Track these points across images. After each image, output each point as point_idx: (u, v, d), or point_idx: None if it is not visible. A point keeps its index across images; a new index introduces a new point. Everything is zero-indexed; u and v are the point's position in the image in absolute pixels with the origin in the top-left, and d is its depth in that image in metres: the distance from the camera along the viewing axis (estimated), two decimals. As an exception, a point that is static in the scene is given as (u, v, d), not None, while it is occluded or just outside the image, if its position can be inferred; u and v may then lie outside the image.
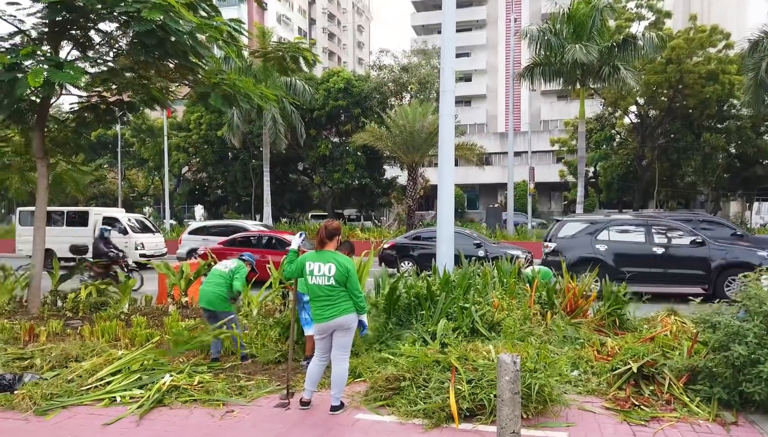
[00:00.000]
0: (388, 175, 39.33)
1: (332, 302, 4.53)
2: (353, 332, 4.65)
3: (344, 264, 4.53)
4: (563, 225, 12.52)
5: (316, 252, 4.65)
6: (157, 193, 48.39)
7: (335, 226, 4.70)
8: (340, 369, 4.62)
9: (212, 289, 6.16)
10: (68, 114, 10.12)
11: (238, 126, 25.27)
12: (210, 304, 6.15)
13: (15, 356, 6.19)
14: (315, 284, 4.56)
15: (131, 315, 8.85)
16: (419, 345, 5.94)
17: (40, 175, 9.47)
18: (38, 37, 9.37)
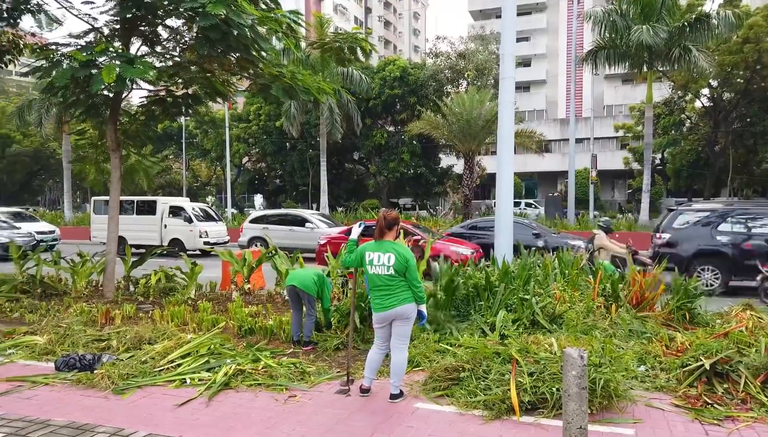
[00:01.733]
0: (443, 164, 39.05)
1: (391, 292, 4.56)
2: (412, 322, 4.67)
3: (403, 254, 4.54)
4: (678, 215, 11.87)
5: (376, 242, 4.68)
6: (219, 183, 50.07)
7: (394, 216, 4.71)
8: (399, 358, 4.65)
9: (307, 274, 6.40)
10: (138, 107, 10.58)
11: (295, 116, 25.72)
12: (301, 284, 6.31)
13: (93, 337, 6.58)
14: (374, 273, 4.60)
15: (197, 300, 9.24)
16: (478, 337, 5.89)
17: (114, 166, 9.98)
18: (110, 34, 9.85)
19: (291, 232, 19.02)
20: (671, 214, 12.07)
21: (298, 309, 6.52)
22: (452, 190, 36.64)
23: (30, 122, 29.94)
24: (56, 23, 9.12)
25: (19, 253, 10.95)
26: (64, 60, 8.54)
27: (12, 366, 5.86)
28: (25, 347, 6.43)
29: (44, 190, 54.40)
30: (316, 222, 19.16)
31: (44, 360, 6.03)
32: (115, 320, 7.74)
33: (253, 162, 42.07)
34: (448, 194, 38.86)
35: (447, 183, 37.87)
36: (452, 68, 32.45)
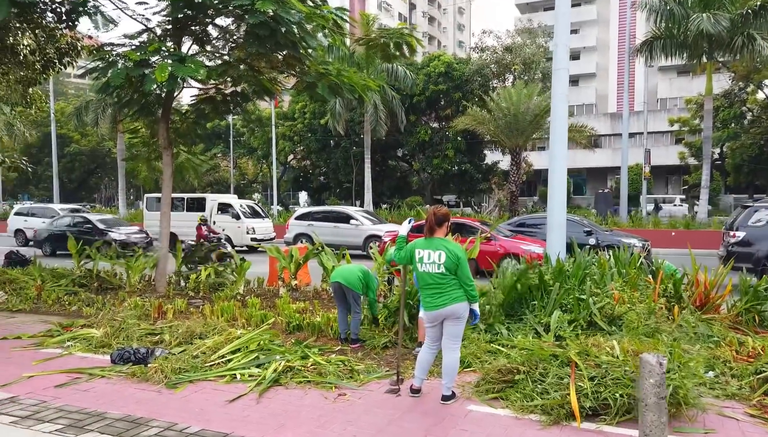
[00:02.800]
0: (488, 160, 38.48)
1: (442, 290, 4.41)
2: (464, 321, 4.51)
3: (455, 252, 4.39)
4: (754, 212, 11.29)
5: (426, 239, 4.55)
6: (264, 180, 50.97)
7: (444, 212, 4.56)
8: (451, 358, 4.51)
9: (352, 270, 6.34)
10: (189, 106, 10.78)
11: (341, 113, 25.80)
12: (346, 281, 6.24)
13: (147, 331, 6.70)
14: (425, 272, 4.47)
15: (246, 296, 9.34)
16: (531, 337, 5.68)
17: (166, 163, 10.19)
18: (162, 34, 10.05)
19: (336, 229, 19.07)
20: (746, 211, 11.43)
21: (344, 307, 6.46)
22: (497, 187, 36.07)
23: (87, 122, 31.20)
24: (112, 24, 9.36)
25: (76, 246, 11.37)
26: (119, 60, 8.76)
27: (70, 358, 6.02)
28: (82, 339, 6.61)
29: (100, 187, 56.67)
30: (361, 219, 19.15)
31: (101, 353, 6.18)
32: (167, 314, 7.87)
33: (298, 159, 42.57)
34: (493, 191, 38.30)
35: (492, 179, 37.29)
36: (498, 63, 31.88)
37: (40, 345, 6.54)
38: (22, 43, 12.63)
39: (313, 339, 6.57)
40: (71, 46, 13.44)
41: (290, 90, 11.55)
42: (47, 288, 9.72)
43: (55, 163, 32.91)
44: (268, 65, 9.31)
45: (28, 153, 39.93)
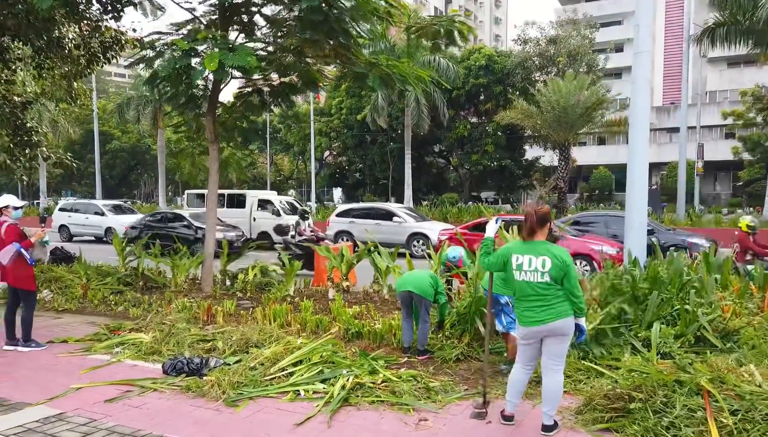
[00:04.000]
0: (527, 156, 37.40)
1: (546, 303, 3.78)
2: (570, 338, 3.88)
3: (561, 258, 3.75)
4: None
5: (524, 242, 3.91)
6: (300, 177, 50.86)
7: (546, 211, 3.92)
8: (554, 382, 3.88)
9: (423, 276, 5.75)
10: (235, 98, 10.37)
11: (383, 107, 25.22)
12: (418, 289, 5.65)
13: (198, 338, 6.26)
14: (524, 280, 3.84)
15: (295, 297, 8.87)
16: (629, 354, 4.99)
17: (212, 158, 9.79)
18: (209, 24, 9.64)
19: (378, 226, 18.51)
20: None
21: (410, 316, 5.86)
22: (539, 183, 34.99)
23: (128, 119, 31.46)
24: (160, 11, 8.99)
25: (122, 244, 11.12)
26: (166, 50, 8.38)
27: (120, 366, 5.62)
28: (131, 345, 6.21)
29: (140, 183, 57.59)
30: (404, 216, 18.57)
31: (151, 361, 5.76)
32: (216, 317, 7.45)
33: (334, 156, 42.24)
34: (534, 187, 37.22)
35: (533, 176, 36.21)
36: (541, 55, 30.80)
37: (87, 350, 6.17)
38: (68, 37, 12.45)
39: (381, 350, 6.00)
40: (115, 40, 13.22)
41: (340, 81, 11.02)
42: (93, 287, 9.46)
43: (97, 159, 33.33)
44: (321, 52, 8.78)
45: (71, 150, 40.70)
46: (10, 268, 6.02)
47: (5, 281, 6.23)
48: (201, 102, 10.29)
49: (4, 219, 6.12)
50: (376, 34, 10.14)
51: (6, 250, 5.94)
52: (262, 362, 5.29)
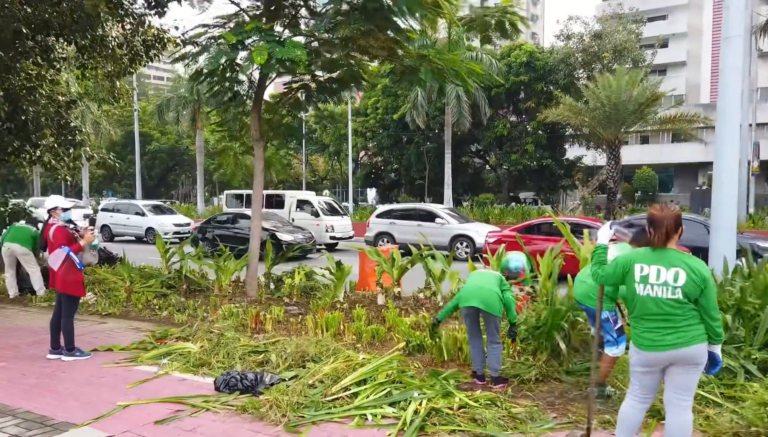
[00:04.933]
0: (568, 155, 36.26)
1: (674, 324, 3.17)
2: (701, 369, 3.25)
3: (699, 271, 3.13)
4: None
5: (653, 250, 3.29)
6: (334, 177, 50.68)
7: (677, 214, 3.30)
8: (681, 421, 3.25)
9: (489, 287, 5.06)
10: (281, 95, 9.98)
11: (422, 105, 24.63)
12: (485, 305, 4.92)
13: (249, 349, 5.84)
14: (648, 296, 3.22)
15: (344, 303, 8.40)
16: (742, 379, 4.32)
17: (257, 157, 9.42)
18: (254, 17, 9.27)
19: (419, 228, 17.90)
20: None
21: (478, 335, 5.15)
22: (582, 183, 33.83)
23: (167, 120, 31.73)
24: (207, 1, 8.65)
25: (165, 245, 10.87)
26: (212, 44, 8.03)
27: (168, 379, 5.22)
28: (178, 355, 5.83)
29: (178, 184, 58.39)
30: (446, 217, 17.96)
31: (200, 374, 5.35)
32: (265, 325, 7.03)
33: (369, 156, 41.85)
34: (575, 188, 36.03)
35: (575, 175, 35.06)
36: (585, 51, 29.72)
37: (133, 360, 5.80)
38: (111, 35, 12.30)
39: (440, 363, 5.47)
40: (157, 39, 13.03)
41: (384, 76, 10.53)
42: (136, 290, 9.19)
43: (138, 160, 33.72)
44: (376, 42, 8.28)
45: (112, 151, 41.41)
46: (60, 273, 5.70)
47: (54, 286, 5.92)
48: (245, 99, 9.95)
49: (53, 221, 5.81)
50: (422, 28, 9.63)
51: (55, 254, 5.62)
52: (321, 379, 4.81)
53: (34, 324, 7.57)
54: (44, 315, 8.11)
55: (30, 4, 10.69)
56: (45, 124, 11.99)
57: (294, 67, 8.99)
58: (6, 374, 5.35)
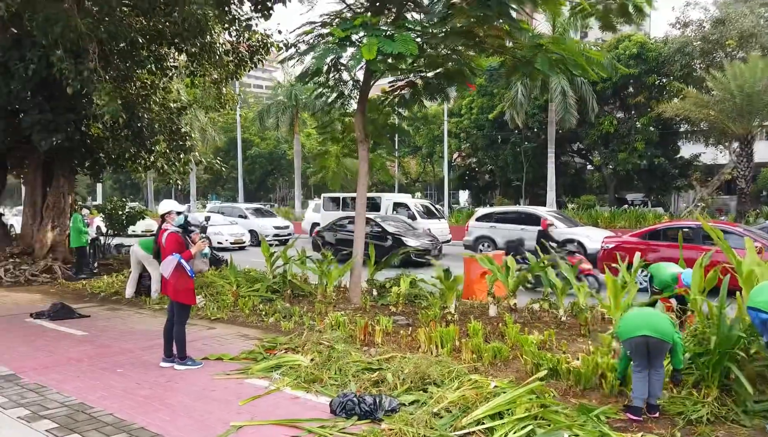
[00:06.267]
0: (683, 153, 33.23)
1: None
2: None
3: None
4: None
5: None
6: (426, 179, 50.16)
7: None
8: None
9: (657, 311, 4.31)
10: (386, 93, 9.58)
11: (522, 103, 23.47)
12: (658, 332, 4.21)
13: (362, 365, 5.40)
14: None
15: (453, 315, 7.80)
16: None
17: (361, 158, 9.07)
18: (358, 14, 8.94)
19: (522, 232, 16.92)
20: None
21: (646, 364, 4.32)
22: (700, 183, 30.85)
23: (267, 126, 32.76)
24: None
25: (269, 249, 10.84)
26: (319, 42, 7.76)
27: (280, 396, 4.88)
28: (289, 369, 5.51)
29: (275, 187, 60.56)
30: (552, 220, 16.77)
31: (313, 391, 4.98)
32: (374, 336, 6.59)
33: (463, 157, 40.92)
34: (691, 188, 32.95)
35: (692, 175, 32.06)
36: (705, 38, 27.00)
37: (243, 372, 5.55)
38: (218, 42, 12.57)
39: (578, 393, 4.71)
40: (261, 44, 13.18)
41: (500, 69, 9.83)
42: (242, 294, 9.15)
43: (240, 164, 35.12)
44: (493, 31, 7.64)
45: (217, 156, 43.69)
46: (171, 281, 5.58)
47: (166, 293, 5.83)
48: (348, 100, 9.67)
49: (166, 227, 5.71)
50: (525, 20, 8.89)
51: (167, 262, 5.51)
52: (447, 408, 4.25)
53: (147, 328, 7.64)
54: (156, 318, 8.23)
55: (145, 16, 11.11)
56: (158, 131, 12.43)
57: (399, 63, 8.58)
58: (122, 382, 5.28)
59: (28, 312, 8.58)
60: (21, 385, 5.16)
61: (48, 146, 10.76)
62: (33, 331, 7.47)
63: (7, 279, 11.63)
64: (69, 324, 7.84)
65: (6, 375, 5.45)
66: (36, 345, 6.73)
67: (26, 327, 7.74)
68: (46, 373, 5.53)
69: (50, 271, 12.10)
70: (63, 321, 7.99)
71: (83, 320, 8.13)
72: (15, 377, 5.41)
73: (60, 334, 7.29)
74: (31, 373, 5.52)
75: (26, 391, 5.00)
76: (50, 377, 5.41)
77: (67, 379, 5.34)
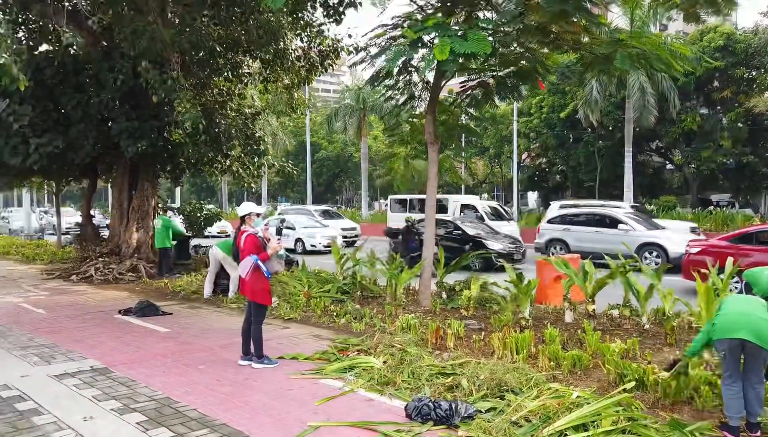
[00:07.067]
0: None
1: None
2: None
3: None
4: None
5: None
6: (493, 181, 49.29)
7: None
8: None
9: (759, 314, 3.96)
10: (457, 93, 9.47)
11: (597, 100, 22.58)
12: (757, 337, 3.86)
13: (436, 370, 5.33)
14: None
15: (528, 320, 7.57)
16: None
17: (431, 160, 9.00)
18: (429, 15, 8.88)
19: (598, 234, 16.26)
20: None
21: (740, 375, 4.00)
22: (794, 183, 28.54)
23: (335, 130, 33.32)
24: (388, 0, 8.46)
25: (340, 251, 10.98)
26: (390, 44, 7.78)
27: (354, 398, 4.90)
28: (362, 370, 5.52)
29: (342, 189, 61.50)
30: (631, 222, 16.00)
31: (386, 394, 4.96)
32: (446, 340, 6.50)
33: (532, 158, 39.91)
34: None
35: (787, 174, 29.72)
36: (801, 26, 25.01)
37: (317, 372, 5.63)
38: (290, 48, 12.89)
39: (668, 406, 4.42)
40: (332, 48, 13.39)
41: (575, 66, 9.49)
42: (314, 295, 9.31)
43: (309, 167, 35.92)
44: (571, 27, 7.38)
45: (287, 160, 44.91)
46: (249, 281, 5.76)
47: (244, 293, 6.02)
48: (418, 101, 9.64)
49: (245, 228, 5.89)
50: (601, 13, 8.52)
51: (244, 263, 5.69)
52: (527, 417, 4.10)
53: (225, 326, 7.92)
54: (232, 317, 8.52)
55: (222, 26, 11.56)
56: (234, 136, 12.90)
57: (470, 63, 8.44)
58: (204, 378, 5.48)
59: (116, 308, 9.12)
60: (112, 379, 5.47)
61: (134, 152, 11.41)
62: (121, 327, 7.92)
63: (97, 278, 12.44)
64: (153, 321, 8.26)
65: (99, 369, 5.80)
66: (124, 340, 7.13)
67: (115, 323, 8.22)
68: (134, 367, 5.84)
69: (135, 270, 12.82)
70: (148, 318, 8.43)
71: (166, 317, 8.54)
72: (107, 370, 5.74)
73: (146, 330, 7.69)
74: (121, 367, 5.84)
75: (117, 384, 5.29)
76: (138, 371, 5.70)
77: (154, 374, 5.60)
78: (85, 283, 12.17)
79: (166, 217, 12.91)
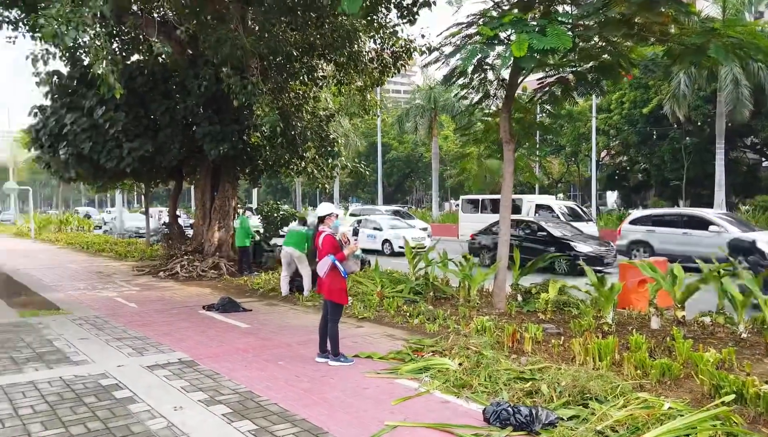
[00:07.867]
0: None
1: None
2: None
3: None
4: None
5: None
6: (569, 180, 47.61)
7: None
8: None
9: None
10: (534, 91, 9.22)
11: (685, 94, 21.28)
12: None
13: (514, 374, 5.21)
14: None
15: (611, 325, 7.23)
16: None
17: (507, 160, 8.80)
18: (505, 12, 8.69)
19: (685, 236, 15.32)
20: None
21: None
22: None
23: (406, 130, 33.41)
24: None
25: (412, 252, 10.98)
26: (466, 43, 7.67)
27: (430, 399, 4.87)
28: (437, 372, 5.49)
29: (412, 190, 61.58)
30: (723, 224, 14.94)
31: (463, 397, 4.90)
32: (523, 344, 6.33)
33: (612, 156, 38.18)
34: None
35: None
36: None
37: (392, 372, 5.65)
38: (364, 50, 13.04)
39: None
40: (405, 49, 13.42)
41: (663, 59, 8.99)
42: (387, 294, 9.36)
43: (380, 168, 36.23)
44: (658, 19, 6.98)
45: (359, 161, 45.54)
46: (326, 280, 5.88)
47: (321, 292, 6.15)
48: (494, 99, 9.46)
49: (323, 229, 6.02)
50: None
51: (322, 262, 5.81)
52: (613, 427, 3.91)
53: (302, 324, 8.11)
54: (309, 315, 8.72)
55: (299, 31, 11.87)
56: (310, 138, 13.21)
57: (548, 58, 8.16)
58: (284, 373, 5.64)
59: (200, 304, 9.58)
60: (199, 371, 5.74)
61: (216, 155, 11.95)
62: (205, 322, 8.30)
63: (182, 274, 13.13)
64: (234, 316, 8.60)
65: (187, 361, 6.11)
66: (208, 334, 7.46)
67: (199, 317, 8.63)
68: (218, 361, 6.10)
69: (217, 268, 13.42)
70: (230, 313, 8.79)
71: (246, 313, 8.86)
72: (194, 363, 6.03)
73: (227, 326, 8.02)
74: (206, 360, 6.12)
75: (203, 377, 5.54)
76: (222, 365, 5.95)
77: (237, 368, 5.83)
78: (172, 279, 12.88)
79: (245, 217, 13.42)
